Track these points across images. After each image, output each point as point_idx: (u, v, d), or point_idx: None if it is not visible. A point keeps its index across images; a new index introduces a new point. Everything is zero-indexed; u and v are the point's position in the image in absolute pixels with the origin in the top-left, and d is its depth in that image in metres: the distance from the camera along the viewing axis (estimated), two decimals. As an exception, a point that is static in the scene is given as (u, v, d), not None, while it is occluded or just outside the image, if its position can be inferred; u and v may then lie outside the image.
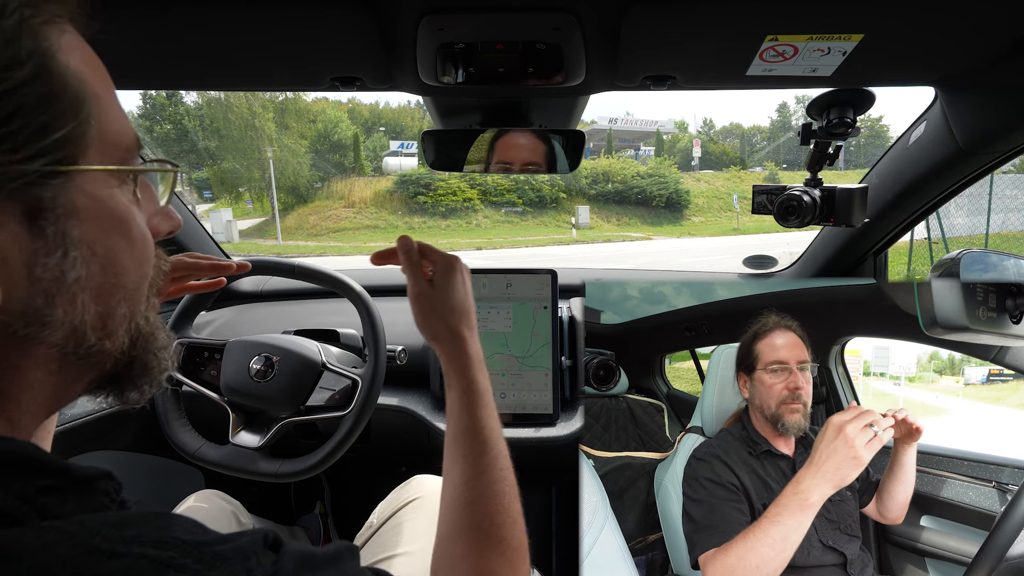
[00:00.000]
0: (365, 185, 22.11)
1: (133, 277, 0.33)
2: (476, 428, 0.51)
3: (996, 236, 7.20)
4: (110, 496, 0.29)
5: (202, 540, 0.27)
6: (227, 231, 17.58)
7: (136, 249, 0.33)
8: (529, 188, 21.54)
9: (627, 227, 21.47)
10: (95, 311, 0.30)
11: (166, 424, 0.90)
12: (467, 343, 0.55)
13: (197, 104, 22.31)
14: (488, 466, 0.49)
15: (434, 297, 0.56)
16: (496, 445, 0.51)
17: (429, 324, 0.57)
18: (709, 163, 32.41)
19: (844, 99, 0.76)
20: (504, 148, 0.91)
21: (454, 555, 0.45)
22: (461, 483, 0.48)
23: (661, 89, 0.75)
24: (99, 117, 0.30)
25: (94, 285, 0.30)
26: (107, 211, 0.30)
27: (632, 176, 23.10)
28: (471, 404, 0.52)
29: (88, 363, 0.32)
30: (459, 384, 0.53)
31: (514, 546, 0.46)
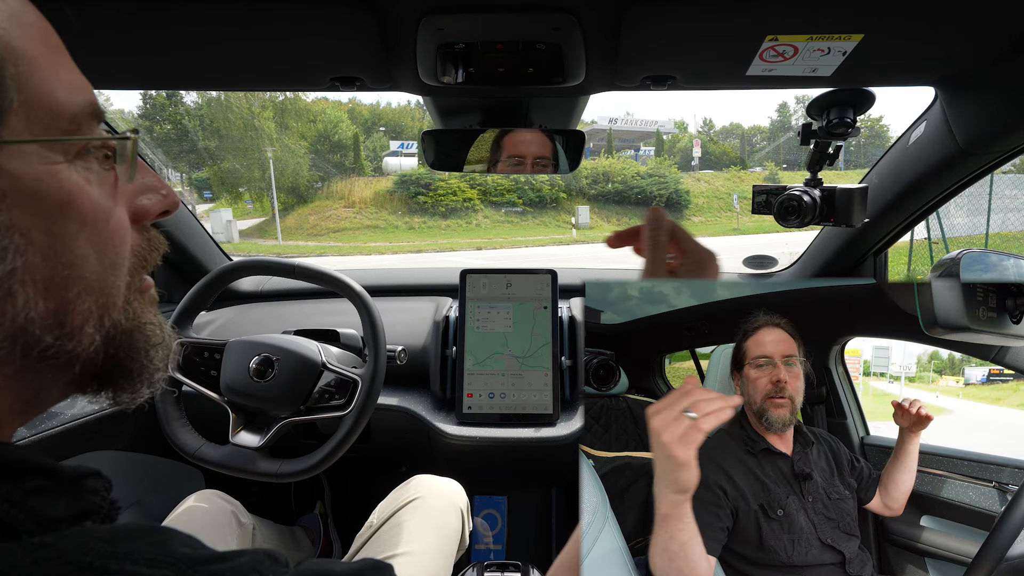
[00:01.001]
0: (365, 185, 22.11)
1: (94, 267, 0.28)
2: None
3: (996, 236, 7.20)
4: (100, 494, 0.28)
5: (198, 557, 0.25)
6: (227, 231, 17.58)
7: (96, 234, 0.28)
8: (529, 188, 21.54)
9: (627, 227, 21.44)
10: (44, 307, 0.26)
11: (166, 424, 0.90)
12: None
13: (197, 104, 22.33)
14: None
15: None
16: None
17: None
18: (709, 163, 32.40)
19: (844, 99, 0.76)
20: (514, 143, 0.91)
21: None
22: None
23: (661, 89, 0.75)
24: (25, 79, 0.25)
25: (39, 278, 0.26)
26: (46, 191, 0.26)
27: (632, 176, 23.11)
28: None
29: (51, 366, 0.28)
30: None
31: None
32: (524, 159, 0.92)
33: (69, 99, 0.27)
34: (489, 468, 1.25)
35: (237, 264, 0.96)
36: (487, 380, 1.07)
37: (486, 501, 1.39)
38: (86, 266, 0.28)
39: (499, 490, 1.40)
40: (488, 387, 1.07)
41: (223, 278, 0.95)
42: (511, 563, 1.01)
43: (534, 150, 0.91)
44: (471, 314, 1.10)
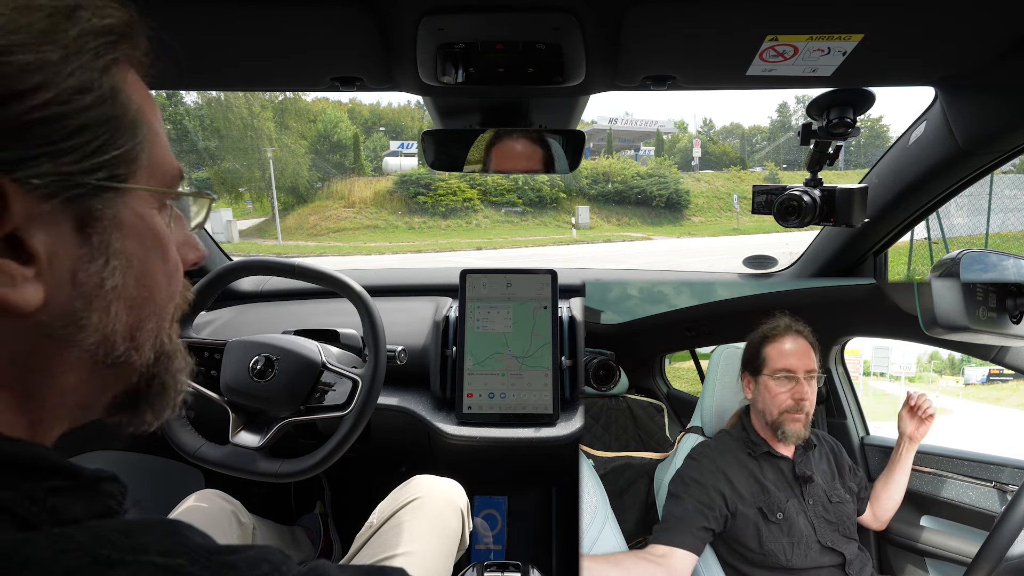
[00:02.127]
0: (365, 185, 22.11)
1: (164, 294, 0.35)
2: None
3: (996, 236, 7.20)
4: (116, 499, 0.30)
5: (211, 547, 0.27)
6: (227, 231, 17.58)
7: (169, 268, 0.35)
8: (529, 188, 21.54)
9: (627, 227, 21.46)
10: (126, 321, 0.32)
11: (166, 424, 0.90)
12: None
13: (197, 104, 22.32)
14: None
15: None
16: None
17: None
18: (709, 163, 32.40)
19: (844, 99, 0.76)
20: (501, 154, 0.91)
21: None
22: None
23: (661, 89, 0.75)
24: (151, 145, 0.33)
25: (128, 296, 0.32)
26: (148, 229, 0.33)
27: (632, 176, 23.09)
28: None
29: (115, 373, 0.33)
30: None
31: None
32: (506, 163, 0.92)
33: (170, 162, 0.35)
34: (489, 468, 1.25)
35: (237, 264, 0.96)
36: (487, 380, 1.07)
37: (486, 501, 1.40)
38: (159, 292, 0.34)
39: (499, 490, 1.40)
40: (488, 387, 1.07)
41: (223, 278, 0.95)
42: (511, 563, 1.01)
43: (520, 164, 0.91)
44: (471, 314, 1.10)
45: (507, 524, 1.38)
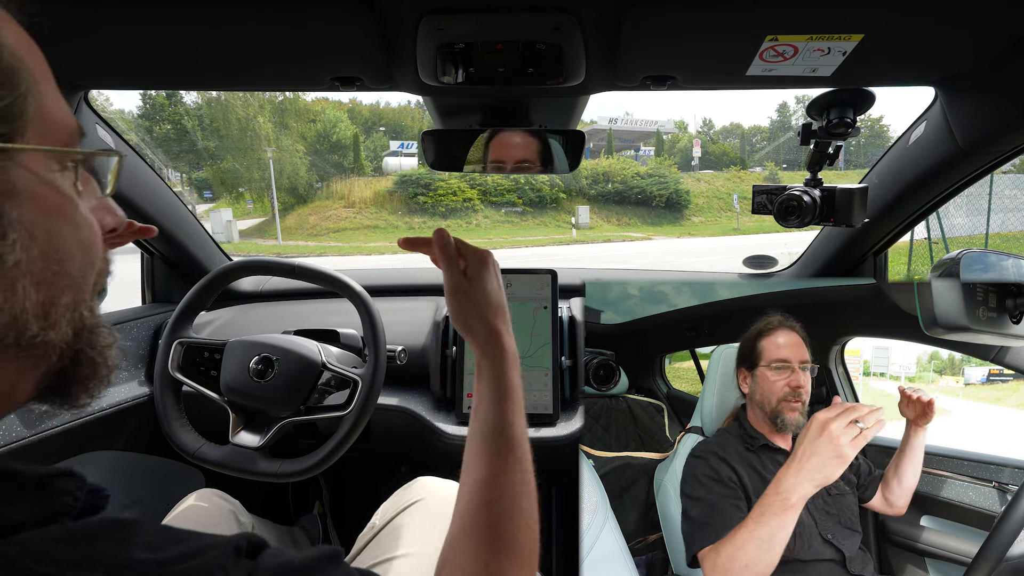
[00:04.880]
0: (365, 185, 22.10)
1: (79, 264, 0.31)
2: (504, 426, 0.49)
3: (996, 236, 7.20)
4: (72, 495, 0.28)
5: (162, 559, 0.25)
6: (227, 231, 17.57)
7: (82, 234, 0.31)
8: (529, 188, 21.53)
9: (627, 227, 21.46)
10: (36, 299, 0.28)
11: (166, 424, 0.90)
12: (503, 338, 0.55)
13: (197, 104, 22.32)
14: (511, 467, 0.48)
15: (470, 291, 0.56)
16: (521, 446, 0.50)
17: (465, 318, 0.56)
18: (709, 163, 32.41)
19: (844, 99, 0.76)
20: (497, 147, 0.91)
21: (465, 554, 0.44)
22: (481, 481, 0.47)
23: (661, 89, 0.75)
24: (39, 96, 0.29)
25: (35, 271, 0.28)
26: (49, 194, 0.29)
27: (632, 176, 23.08)
28: (502, 401, 0.51)
29: (32, 356, 0.30)
30: (491, 379, 0.52)
31: (525, 552, 0.45)
32: (505, 163, 0.92)
33: (65, 118, 0.31)
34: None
35: (237, 264, 0.96)
36: (487, 380, 1.07)
37: (486, 501, 1.39)
38: (72, 263, 0.30)
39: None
40: (488, 387, 1.07)
41: (223, 278, 0.95)
42: (511, 563, 1.01)
43: (516, 154, 0.91)
44: (471, 314, 1.10)
45: (507, 524, 1.38)
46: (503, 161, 0.92)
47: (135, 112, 22.84)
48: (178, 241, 1.20)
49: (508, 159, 0.92)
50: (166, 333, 0.93)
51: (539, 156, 0.93)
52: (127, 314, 1.14)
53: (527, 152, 0.92)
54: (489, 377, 0.52)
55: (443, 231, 0.59)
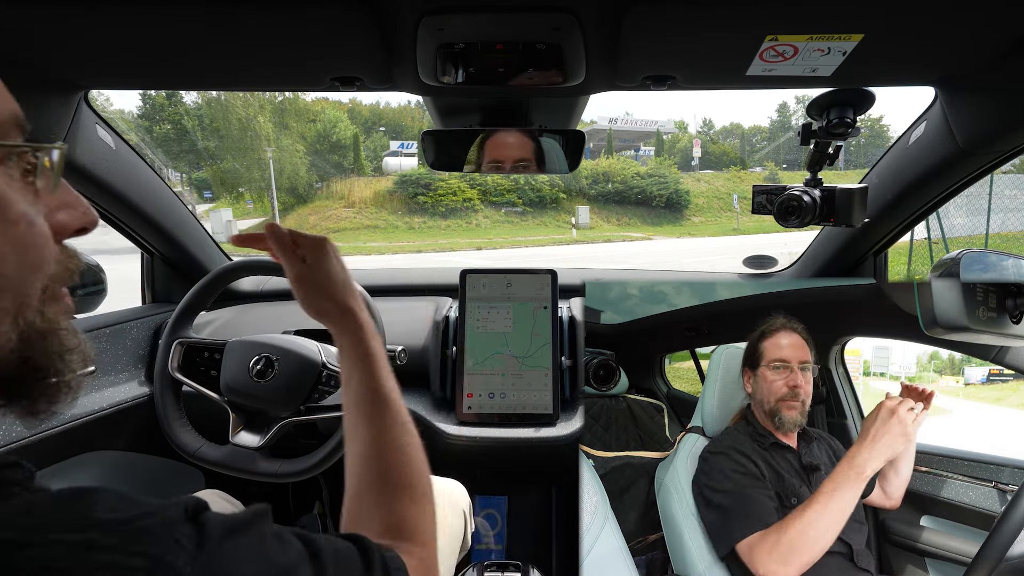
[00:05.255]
0: (365, 185, 22.09)
1: (13, 266, 0.29)
2: (376, 389, 0.53)
3: (996, 236, 7.20)
4: (21, 484, 0.28)
5: (124, 517, 0.26)
6: (227, 231, 17.56)
7: (16, 234, 0.29)
8: (529, 188, 21.53)
9: (627, 227, 21.45)
10: None
11: (166, 424, 0.90)
12: (356, 313, 0.58)
13: (197, 104, 22.31)
14: (392, 421, 0.52)
15: (314, 275, 0.59)
16: (395, 402, 0.54)
17: (314, 302, 0.59)
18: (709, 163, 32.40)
19: (844, 99, 0.76)
20: (494, 147, 0.91)
21: (366, 506, 0.47)
22: (367, 440, 0.50)
23: (661, 89, 0.75)
24: None
25: None
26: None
27: (632, 176, 23.07)
28: (370, 368, 0.54)
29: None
30: (354, 352, 0.56)
31: (421, 491, 0.49)
32: (503, 162, 0.92)
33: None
34: (489, 468, 1.25)
35: (237, 264, 0.96)
36: (487, 380, 1.07)
37: (486, 501, 1.40)
38: (6, 265, 0.28)
39: (499, 490, 1.40)
40: (488, 387, 1.07)
41: (223, 278, 0.95)
42: (511, 563, 1.01)
43: (513, 153, 0.92)
44: (471, 314, 1.10)
45: (507, 524, 1.38)
46: (503, 161, 0.92)
47: (135, 112, 22.83)
48: (178, 241, 1.20)
49: (508, 159, 0.92)
50: (166, 333, 0.93)
51: (539, 156, 0.93)
52: (127, 314, 1.14)
53: (527, 152, 0.92)
54: (351, 349, 0.56)
55: (274, 224, 0.61)
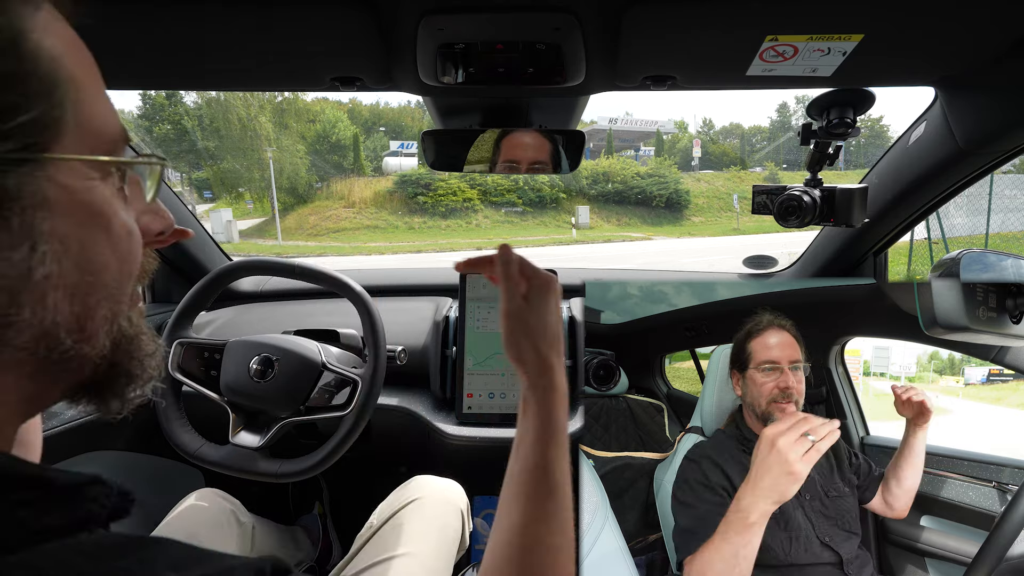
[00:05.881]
0: (365, 185, 22.10)
1: (115, 275, 0.30)
2: (548, 468, 0.46)
3: (996, 236, 7.20)
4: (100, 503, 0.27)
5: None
6: (227, 231, 17.56)
7: (119, 245, 0.30)
8: (529, 188, 21.54)
9: (627, 227, 21.46)
10: (70, 311, 0.28)
11: (166, 424, 0.90)
12: (555, 372, 0.50)
13: (197, 104, 22.31)
14: (551, 514, 0.44)
15: (528, 317, 0.52)
16: (562, 490, 0.46)
17: (518, 345, 0.51)
18: (709, 163, 32.40)
19: (844, 99, 0.76)
20: (511, 147, 0.91)
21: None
22: (519, 525, 0.44)
23: (661, 89, 0.75)
24: (78, 103, 0.28)
25: (68, 283, 0.27)
26: (84, 204, 0.28)
27: (632, 176, 23.08)
28: (547, 441, 0.47)
29: (64, 368, 0.29)
30: (538, 415, 0.48)
31: None
32: (519, 163, 0.92)
33: (109, 124, 0.30)
34: (489, 468, 1.25)
35: (237, 264, 0.96)
36: (487, 380, 1.07)
37: (486, 501, 1.39)
38: (108, 274, 0.30)
39: (499, 490, 1.40)
40: (488, 387, 1.07)
41: (223, 278, 0.95)
42: (511, 563, 1.01)
43: (530, 154, 0.91)
44: (471, 314, 1.10)
45: (507, 524, 1.38)
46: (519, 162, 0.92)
47: (135, 112, 22.84)
48: (178, 241, 1.20)
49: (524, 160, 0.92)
50: (166, 333, 0.93)
51: (547, 157, 0.93)
52: (127, 314, 1.14)
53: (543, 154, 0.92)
54: (535, 414, 0.49)
55: (508, 247, 0.55)
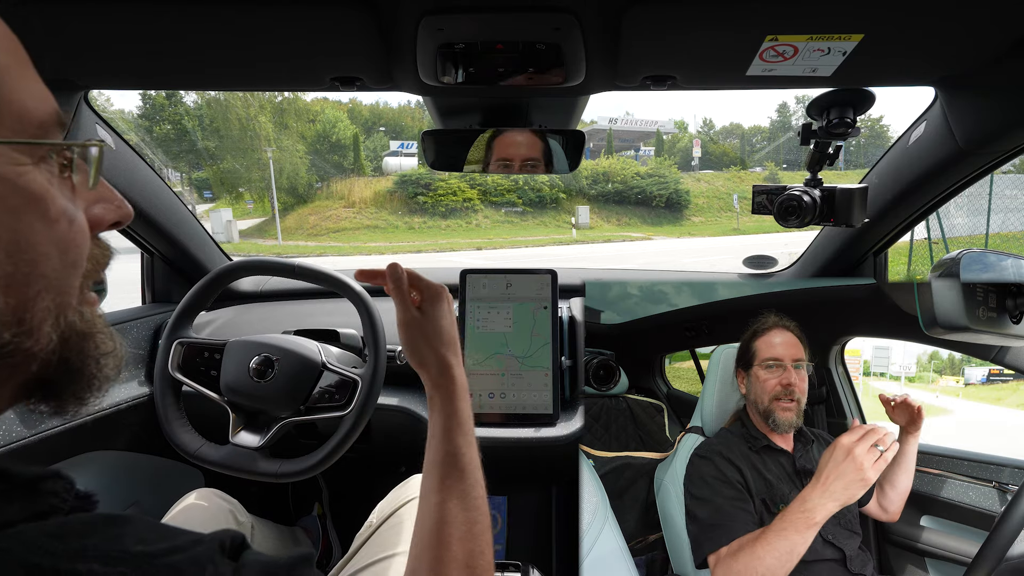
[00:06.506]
0: (365, 185, 22.10)
1: (55, 265, 0.29)
2: (456, 454, 0.52)
3: (996, 236, 7.20)
4: (59, 496, 0.27)
5: (153, 551, 0.25)
6: (227, 231, 17.57)
7: (57, 233, 0.29)
8: (529, 188, 21.54)
9: (627, 227, 21.46)
10: (4, 303, 0.26)
11: (166, 424, 0.90)
12: (454, 370, 0.57)
13: (197, 104, 22.32)
14: (464, 492, 0.50)
15: (423, 325, 0.59)
16: (473, 474, 0.52)
17: (417, 351, 0.59)
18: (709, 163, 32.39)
19: (844, 99, 0.76)
20: (503, 145, 0.91)
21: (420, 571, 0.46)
22: (436, 504, 0.49)
23: (661, 89, 0.75)
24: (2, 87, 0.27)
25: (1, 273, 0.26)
26: (13, 191, 0.27)
27: (632, 176, 23.09)
28: (452, 432, 0.54)
29: (7, 364, 0.28)
30: (444, 411, 0.55)
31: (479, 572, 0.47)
32: (512, 161, 0.92)
33: (36, 107, 0.28)
34: (489, 468, 1.25)
35: (237, 264, 0.96)
36: (487, 380, 1.07)
37: (486, 501, 1.39)
38: (48, 264, 0.28)
39: (499, 490, 1.40)
40: (488, 387, 1.07)
41: (223, 278, 0.95)
42: (511, 563, 1.01)
43: (522, 152, 0.92)
44: (471, 314, 1.10)
45: (507, 524, 1.38)
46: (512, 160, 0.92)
47: (135, 112, 22.85)
48: (178, 241, 1.20)
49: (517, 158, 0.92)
50: (166, 333, 0.93)
51: (547, 156, 0.93)
52: (127, 314, 1.14)
53: (536, 151, 0.92)
54: (441, 409, 0.55)
55: (395, 265, 0.61)
